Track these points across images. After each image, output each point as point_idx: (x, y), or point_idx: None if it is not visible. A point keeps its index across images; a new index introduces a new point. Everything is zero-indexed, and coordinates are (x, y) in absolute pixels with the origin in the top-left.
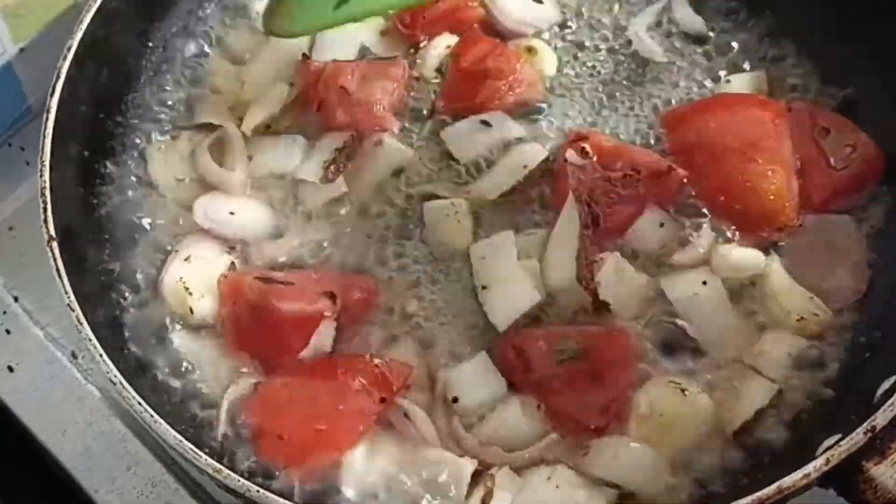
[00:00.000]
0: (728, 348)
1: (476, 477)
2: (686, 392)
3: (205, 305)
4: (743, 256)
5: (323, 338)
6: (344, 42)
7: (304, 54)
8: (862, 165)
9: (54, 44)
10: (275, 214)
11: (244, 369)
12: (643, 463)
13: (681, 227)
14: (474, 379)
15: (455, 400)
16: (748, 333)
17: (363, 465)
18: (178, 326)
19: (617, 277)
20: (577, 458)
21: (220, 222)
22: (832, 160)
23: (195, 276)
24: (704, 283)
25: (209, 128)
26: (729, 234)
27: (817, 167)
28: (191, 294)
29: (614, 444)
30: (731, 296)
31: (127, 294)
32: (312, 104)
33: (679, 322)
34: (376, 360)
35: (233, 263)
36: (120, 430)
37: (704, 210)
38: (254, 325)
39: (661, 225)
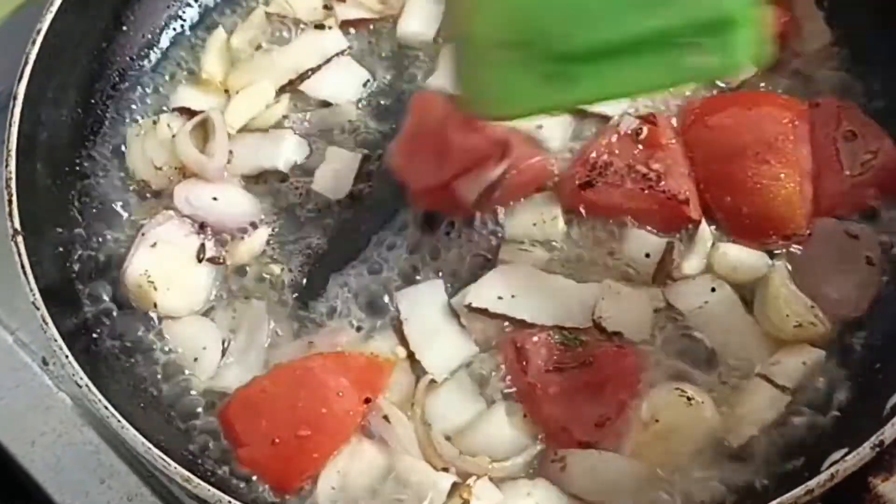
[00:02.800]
0: (749, 358)
1: (455, 488)
2: (691, 401)
3: (170, 299)
4: (745, 256)
5: (487, 176)
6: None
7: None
8: (880, 174)
9: (22, 29)
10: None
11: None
12: (625, 478)
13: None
14: (452, 402)
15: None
16: (769, 341)
17: (340, 473)
18: (158, 323)
19: (615, 303)
20: (557, 473)
21: (203, 208)
22: (848, 166)
23: (161, 267)
24: (713, 289)
25: (190, 113)
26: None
27: (831, 171)
28: (155, 289)
29: (593, 458)
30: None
31: (100, 292)
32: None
33: (695, 334)
34: (357, 356)
35: (202, 245)
36: (93, 440)
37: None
38: (426, 143)
39: (647, 255)
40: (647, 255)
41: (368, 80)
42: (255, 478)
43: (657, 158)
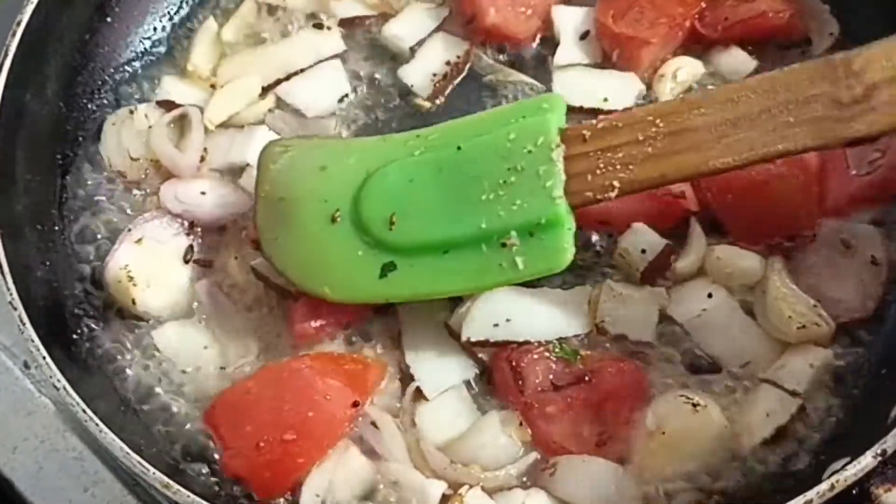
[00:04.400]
0: (753, 363)
1: (446, 499)
2: (697, 407)
3: (149, 297)
4: (740, 259)
5: None
6: None
7: None
8: (888, 173)
9: (3, 21)
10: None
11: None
12: (616, 484)
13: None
14: (445, 414)
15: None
16: (773, 345)
17: (326, 481)
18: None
19: (618, 304)
20: (546, 478)
21: (191, 204)
22: (855, 165)
23: (143, 264)
24: (710, 295)
25: (171, 106)
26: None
27: (837, 170)
28: (134, 284)
29: (583, 465)
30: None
31: (81, 292)
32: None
33: (695, 341)
34: (346, 358)
35: (190, 247)
36: (76, 446)
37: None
38: None
39: (643, 251)
40: (644, 251)
41: (346, 95)
42: (238, 484)
43: None
